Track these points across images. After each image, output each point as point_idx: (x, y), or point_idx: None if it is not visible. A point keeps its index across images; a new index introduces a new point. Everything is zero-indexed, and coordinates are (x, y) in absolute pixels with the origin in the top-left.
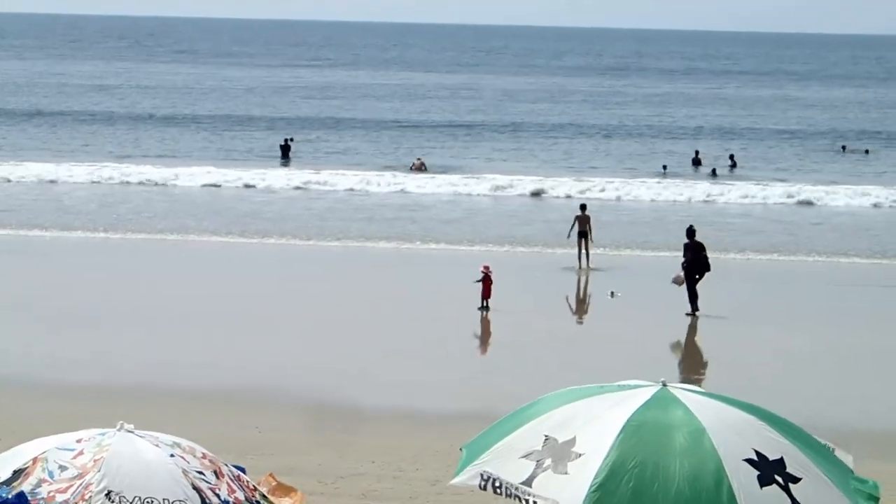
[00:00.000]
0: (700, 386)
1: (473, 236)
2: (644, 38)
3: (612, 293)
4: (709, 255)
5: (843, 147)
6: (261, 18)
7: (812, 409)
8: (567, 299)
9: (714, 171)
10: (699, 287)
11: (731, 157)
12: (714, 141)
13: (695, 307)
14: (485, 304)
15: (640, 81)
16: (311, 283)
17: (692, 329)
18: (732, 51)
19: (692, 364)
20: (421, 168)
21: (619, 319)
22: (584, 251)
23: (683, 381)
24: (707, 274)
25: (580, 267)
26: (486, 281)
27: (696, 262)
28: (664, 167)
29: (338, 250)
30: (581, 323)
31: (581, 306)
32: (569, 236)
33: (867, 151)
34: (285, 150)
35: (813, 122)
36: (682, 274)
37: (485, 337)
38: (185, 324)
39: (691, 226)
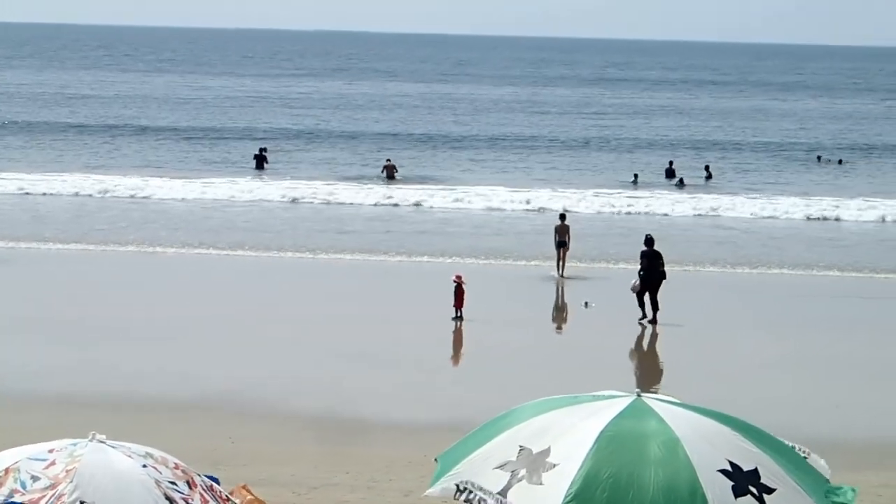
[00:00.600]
0: (675, 396)
1: (447, 247)
2: (621, 49)
3: (587, 304)
4: (680, 266)
5: (819, 157)
6: (237, 28)
7: (786, 419)
8: (541, 310)
9: (681, 180)
10: (660, 296)
11: (707, 167)
12: (691, 151)
13: (653, 316)
14: (458, 314)
15: (618, 92)
16: (283, 294)
17: (667, 339)
18: (712, 62)
19: (666, 374)
20: (392, 172)
21: (593, 330)
22: (561, 261)
23: (658, 392)
24: (664, 283)
25: (558, 275)
26: (459, 290)
27: (652, 270)
28: (635, 176)
29: (311, 261)
30: (556, 333)
31: (556, 317)
32: (556, 247)
33: (840, 161)
34: (260, 160)
35: (790, 132)
36: (637, 282)
37: (459, 347)
38: (156, 334)
39: (649, 234)
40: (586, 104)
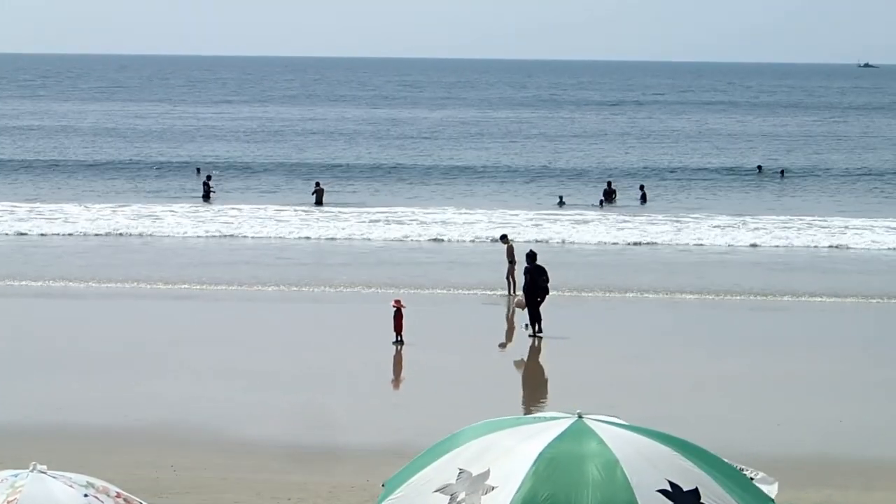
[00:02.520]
0: (616, 417)
1: (382, 275)
2: (564, 71)
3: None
4: (616, 293)
5: (759, 167)
6: (178, 55)
7: (729, 438)
8: (482, 333)
9: (601, 202)
10: (542, 309)
11: (642, 187)
12: (627, 174)
13: (537, 329)
14: (398, 339)
15: (558, 114)
16: (222, 325)
17: (609, 361)
18: (656, 81)
19: (609, 394)
20: (321, 197)
21: (535, 352)
22: (512, 279)
23: (600, 413)
24: (547, 297)
25: (509, 294)
26: (398, 315)
27: (536, 286)
28: (560, 198)
29: (249, 293)
30: (498, 355)
31: (497, 340)
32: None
33: (783, 173)
34: (206, 187)
35: (729, 152)
36: (522, 297)
37: (400, 371)
38: (96, 364)
39: (532, 250)
40: (529, 127)
